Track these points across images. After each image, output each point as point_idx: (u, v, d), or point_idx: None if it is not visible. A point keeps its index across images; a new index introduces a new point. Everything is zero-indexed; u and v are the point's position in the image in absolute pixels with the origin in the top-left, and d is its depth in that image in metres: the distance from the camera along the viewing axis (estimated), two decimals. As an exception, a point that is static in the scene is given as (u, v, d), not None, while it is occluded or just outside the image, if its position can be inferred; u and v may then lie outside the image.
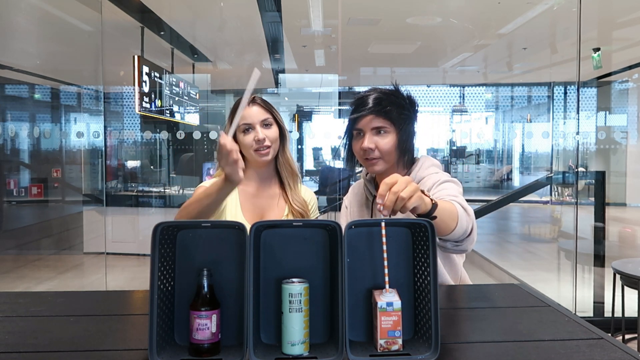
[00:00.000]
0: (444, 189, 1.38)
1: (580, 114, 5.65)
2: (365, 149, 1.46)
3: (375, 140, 1.46)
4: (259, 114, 1.59)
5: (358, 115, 1.47)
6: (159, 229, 0.92)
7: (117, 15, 4.56)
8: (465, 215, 1.24)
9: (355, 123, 1.49)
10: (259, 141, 1.56)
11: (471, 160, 10.52)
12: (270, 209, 1.64)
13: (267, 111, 1.61)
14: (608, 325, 3.10)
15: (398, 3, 4.53)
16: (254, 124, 1.57)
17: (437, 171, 1.51)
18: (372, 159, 1.48)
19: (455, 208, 1.22)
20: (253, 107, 1.59)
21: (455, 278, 1.53)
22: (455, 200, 1.27)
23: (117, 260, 5.10)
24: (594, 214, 3.73)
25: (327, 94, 6.85)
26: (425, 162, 1.54)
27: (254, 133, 1.57)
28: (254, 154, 1.58)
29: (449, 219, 1.18)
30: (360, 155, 1.50)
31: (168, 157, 6.94)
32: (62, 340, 1.02)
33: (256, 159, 1.58)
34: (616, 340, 0.99)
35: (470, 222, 1.26)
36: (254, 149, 1.57)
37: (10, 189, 5.53)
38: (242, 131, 1.58)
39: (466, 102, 8.99)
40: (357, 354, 0.92)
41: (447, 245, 1.30)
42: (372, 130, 1.47)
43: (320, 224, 1.03)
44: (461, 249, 1.32)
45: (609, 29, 5.18)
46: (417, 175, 1.51)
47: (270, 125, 1.60)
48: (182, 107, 5.51)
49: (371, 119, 1.46)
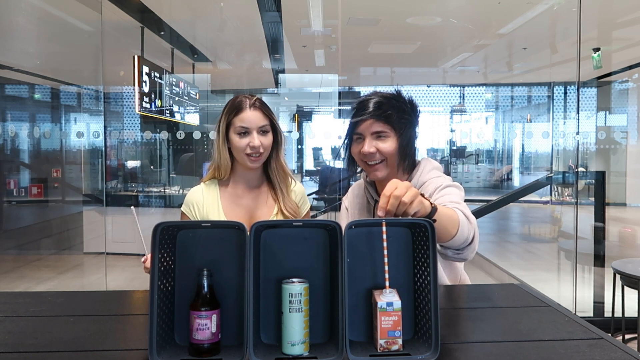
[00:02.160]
0: (446, 194, 1.37)
1: (580, 114, 5.65)
2: (366, 153, 1.45)
3: (376, 144, 1.45)
4: (258, 120, 1.57)
5: (358, 120, 1.46)
6: (159, 229, 0.92)
7: (117, 15, 4.56)
8: (467, 223, 1.23)
9: (356, 127, 1.48)
10: (254, 147, 1.55)
11: (471, 160, 10.52)
12: (258, 208, 1.63)
13: (266, 117, 1.59)
14: (608, 325, 3.10)
15: (398, 3, 4.53)
16: (251, 129, 1.55)
17: (439, 175, 1.49)
18: (374, 164, 1.46)
19: (457, 215, 1.21)
20: (252, 112, 1.57)
21: (455, 280, 1.52)
22: (457, 207, 1.25)
23: (117, 260, 5.10)
24: (594, 214, 3.73)
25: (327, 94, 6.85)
26: (427, 166, 1.52)
27: (249, 138, 1.55)
28: (245, 158, 1.57)
29: (449, 224, 1.17)
30: (360, 159, 1.49)
31: (168, 157, 6.94)
32: (62, 340, 1.02)
33: (246, 163, 1.57)
34: (616, 340, 0.99)
35: (472, 231, 1.25)
36: (246, 153, 1.56)
37: (10, 189, 5.54)
38: (237, 133, 1.56)
39: (466, 102, 8.99)
40: (357, 354, 0.92)
41: (448, 253, 1.30)
42: (372, 134, 1.45)
43: (320, 224, 1.03)
44: (462, 257, 1.31)
45: (609, 29, 5.18)
46: (419, 179, 1.49)
47: (267, 132, 1.58)
48: (182, 107, 5.51)
49: (371, 123, 1.45)
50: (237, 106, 1.59)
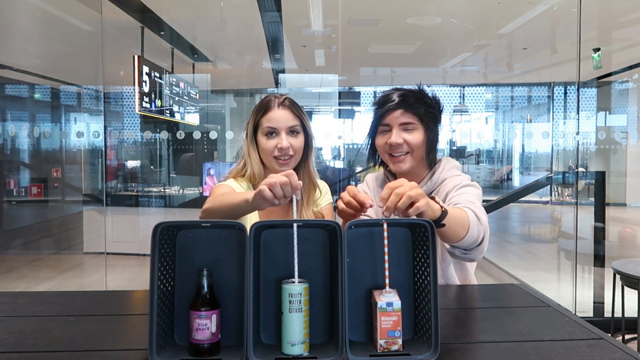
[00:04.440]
0: (464, 193, 1.36)
1: (580, 114, 5.64)
2: (394, 144, 1.42)
3: (403, 135, 1.43)
4: (287, 119, 1.46)
5: (386, 109, 1.43)
6: (159, 229, 0.92)
7: (117, 15, 4.56)
8: (477, 224, 1.22)
9: (382, 118, 1.45)
10: (282, 149, 1.44)
11: (471, 160, 10.51)
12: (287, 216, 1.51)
13: (297, 117, 1.47)
14: (608, 325, 3.10)
15: (398, 3, 4.53)
16: (280, 130, 1.44)
17: (459, 173, 1.49)
18: (399, 155, 1.44)
19: (467, 216, 1.20)
20: (281, 111, 1.46)
21: (465, 281, 1.52)
22: (470, 207, 1.24)
23: (117, 260, 5.10)
24: (594, 214, 3.73)
25: (327, 94, 6.84)
26: (448, 164, 1.51)
27: (277, 139, 1.44)
28: (273, 161, 1.46)
29: (458, 227, 1.16)
30: (386, 150, 1.46)
31: (168, 157, 6.94)
32: (62, 340, 1.02)
33: (274, 166, 1.46)
34: (616, 341, 0.99)
35: (482, 232, 1.24)
36: (274, 155, 1.45)
37: (10, 189, 5.53)
38: (264, 134, 1.46)
39: (466, 102, 8.99)
40: (357, 354, 0.92)
41: (456, 252, 1.29)
42: (400, 125, 1.43)
43: (320, 224, 1.03)
44: (469, 258, 1.30)
45: (609, 29, 5.18)
46: (440, 176, 1.48)
47: (298, 133, 1.47)
48: (182, 107, 5.51)
49: (400, 114, 1.43)
50: (265, 105, 1.48)
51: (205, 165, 5.45)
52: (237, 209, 1.19)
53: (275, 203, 1.03)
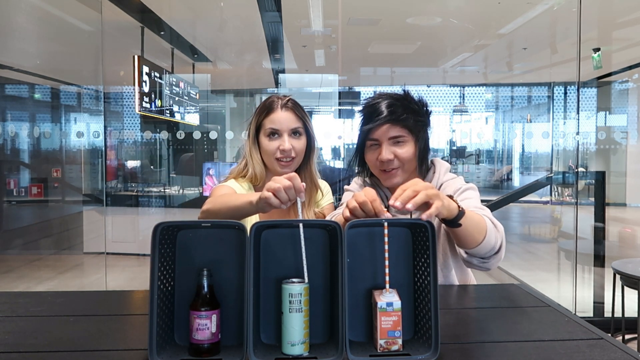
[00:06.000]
0: (467, 198, 1.34)
1: (580, 114, 5.64)
2: (384, 160, 1.37)
3: (393, 150, 1.37)
4: (290, 121, 1.45)
5: (373, 126, 1.37)
6: (159, 229, 0.92)
7: (117, 15, 4.57)
8: (495, 231, 1.20)
9: (370, 133, 1.39)
10: (284, 151, 1.43)
11: (471, 160, 10.51)
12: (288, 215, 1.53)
13: (299, 119, 1.46)
14: (608, 325, 3.10)
15: (398, 3, 4.53)
16: (282, 131, 1.44)
17: (453, 176, 1.47)
18: (390, 170, 1.39)
19: (484, 221, 1.18)
20: (284, 112, 1.45)
21: (464, 281, 1.51)
22: (483, 213, 1.23)
23: (117, 260, 5.10)
24: (594, 214, 3.73)
25: (327, 94, 6.84)
26: (442, 168, 1.49)
27: (279, 141, 1.43)
28: (275, 163, 1.45)
29: (475, 230, 1.15)
30: (377, 166, 1.41)
31: (168, 157, 6.94)
32: (62, 340, 1.02)
33: (276, 168, 1.46)
34: (616, 341, 0.99)
35: (500, 239, 1.22)
36: (277, 157, 1.44)
37: (10, 189, 5.53)
38: (267, 135, 1.45)
39: (466, 102, 8.98)
40: (357, 354, 0.92)
41: (474, 261, 1.28)
42: (389, 140, 1.37)
43: (320, 223, 1.03)
44: (487, 267, 1.28)
45: (609, 29, 5.18)
46: (438, 182, 1.45)
47: (300, 134, 1.46)
48: (182, 107, 5.51)
49: (388, 129, 1.36)
50: (268, 106, 1.47)
51: (205, 165, 5.45)
52: (240, 211, 1.20)
53: (282, 207, 1.05)
